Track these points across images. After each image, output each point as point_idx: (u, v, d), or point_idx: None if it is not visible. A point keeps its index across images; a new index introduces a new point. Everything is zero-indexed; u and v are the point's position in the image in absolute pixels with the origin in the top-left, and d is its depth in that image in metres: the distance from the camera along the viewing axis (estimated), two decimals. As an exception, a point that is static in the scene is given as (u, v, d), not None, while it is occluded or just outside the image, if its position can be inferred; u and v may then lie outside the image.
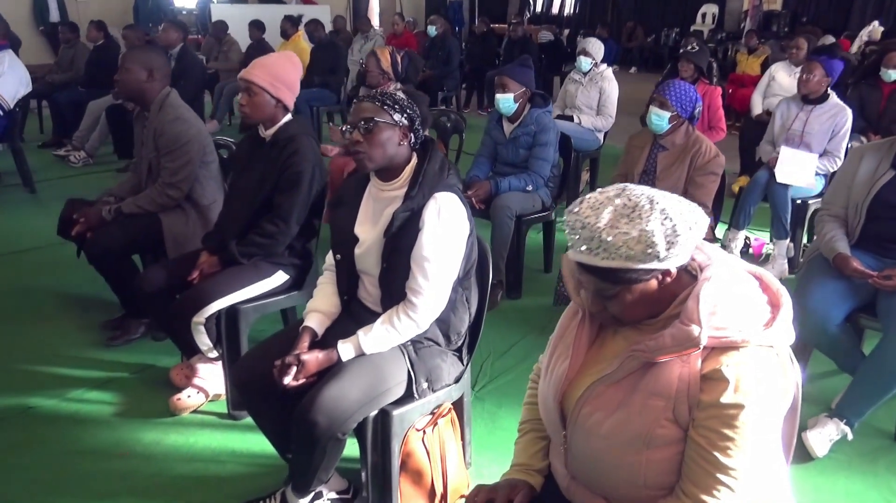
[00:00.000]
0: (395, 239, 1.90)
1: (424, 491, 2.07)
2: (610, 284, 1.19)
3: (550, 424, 1.39)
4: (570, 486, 1.39)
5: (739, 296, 1.20)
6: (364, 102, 1.92)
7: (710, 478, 1.16)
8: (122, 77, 3.00)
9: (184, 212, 3.08)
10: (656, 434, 1.20)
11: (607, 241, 1.14)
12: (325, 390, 1.80)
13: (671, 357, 1.18)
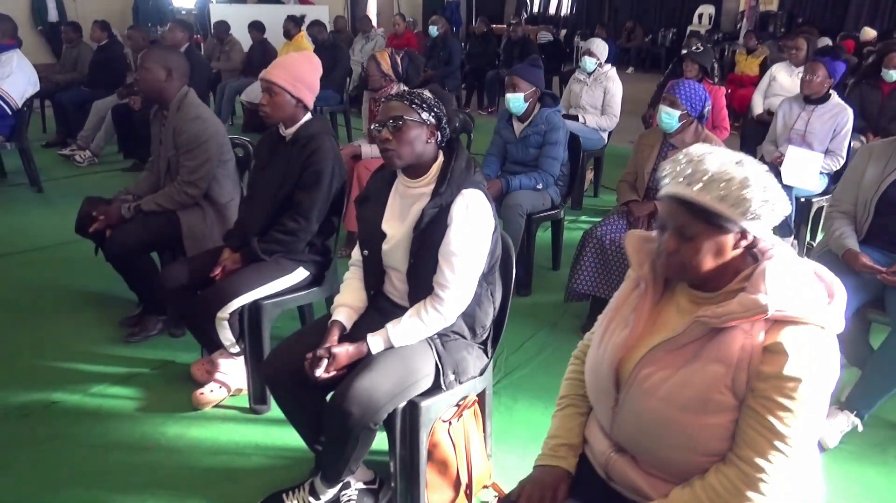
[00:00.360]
0: (424, 235, 1.94)
1: (450, 481, 2.12)
2: (694, 222, 1.27)
3: (601, 391, 1.44)
4: (609, 462, 1.44)
5: (800, 277, 1.28)
6: (393, 101, 1.97)
7: (767, 443, 1.22)
8: (141, 76, 3.04)
9: (202, 210, 3.12)
10: (713, 399, 1.26)
11: (710, 173, 1.24)
12: (357, 382, 1.85)
13: (738, 322, 1.25)
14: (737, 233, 1.28)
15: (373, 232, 2.08)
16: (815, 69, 4.18)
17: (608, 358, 1.42)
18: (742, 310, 1.24)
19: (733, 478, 1.25)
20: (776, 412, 1.22)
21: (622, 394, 1.39)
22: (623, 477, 1.42)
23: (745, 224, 1.26)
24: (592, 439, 1.51)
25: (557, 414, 1.60)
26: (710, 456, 1.30)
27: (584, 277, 3.25)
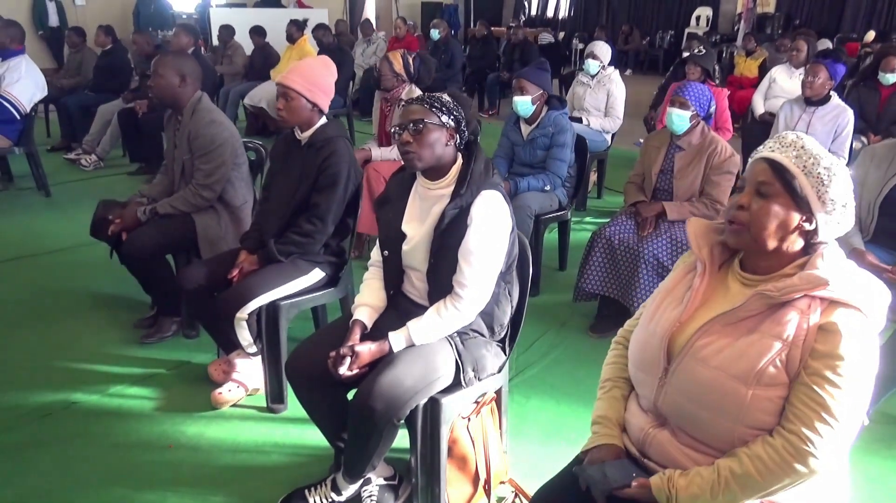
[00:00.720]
0: (444, 235, 1.99)
1: (469, 476, 2.17)
2: (775, 182, 1.38)
3: (649, 363, 1.50)
4: (647, 439, 1.50)
5: (851, 267, 1.37)
6: (413, 105, 2.02)
7: (816, 417, 1.28)
8: (155, 82, 3.08)
9: (216, 212, 3.16)
10: (767, 372, 1.32)
11: (807, 150, 1.36)
12: (380, 378, 1.90)
13: (799, 295, 1.33)
14: (805, 215, 1.37)
15: (393, 233, 2.13)
16: (817, 71, 4.25)
17: (660, 331, 1.48)
18: (803, 284, 1.32)
19: (781, 449, 1.30)
20: (827, 388, 1.28)
21: (674, 365, 1.45)
22: (660, 452, 1.47)
23: (814, 207, 1.35)
24: (630, 417, 1.57)
25: (603, 396, 1.65)
26: (753, 428, 1.35)
27: (593, 277, 3.30)
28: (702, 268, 1.52)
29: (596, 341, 3.38)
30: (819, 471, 1.31)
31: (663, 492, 1.40)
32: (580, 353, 3.27)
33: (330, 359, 1.98)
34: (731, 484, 1.35)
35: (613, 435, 1.59)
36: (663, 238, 3.16)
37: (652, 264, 3.13)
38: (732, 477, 1.35)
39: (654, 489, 1.41)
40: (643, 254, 3.14)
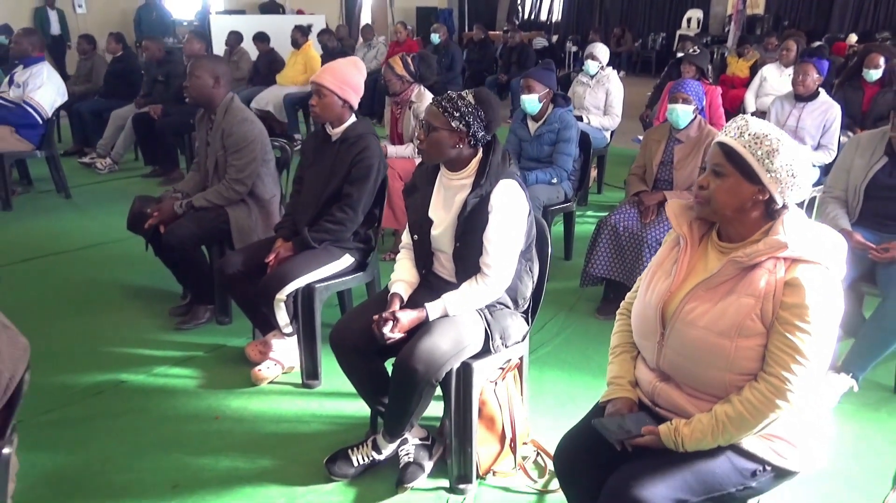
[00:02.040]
0: (468, 221, 2.21)
1: (496, 435, 2.40)
2: (727, 164, 1.59)
3: (648, 330, 1.73)
4: (655, 391, 1.72)
5: (812, 228, 1.59)
6: (433, 106, 2.24)
7: (791, 360, 1.51)
8: (191, 83, 3.30)
9: (247, 205, 3.38)
10: (746, 325, 1.55)
11: (752, 132, 1.57)
12: (420, 342, 2.12)
13: (764, 258, 1.55)
14: (757, 186, 1.58)
15: (421, 219, 2.35)
16: (808, 70, 4.49)
17: (654, 302, 1.71)
18: (767, 248, 1.55)
19: (764, 390, 1.53)
20: (797, 334, 1.51)
21: (668, 329, 1.68)
22: (668, 401, 1.70)
23: (765, 180, 1.56)
24: (639, 374, 1.80)
25: (614, 360, 1.87)
26: (742, 374, 1.58)
27: (600, 262, 3.53)
28: (684, 243, 1.74)
29: (603, 322, 3.61)
30: (796, 404, 1.54)
31: (671, 439, 1.62)
32: (588, 333, 3.50)
33: (374, 323, 2.19)
34: (728, 426, 1.57)
35: (627, 390, 1.81)
36: (665, 224, 3.40)
37: (655, 248, 3.36)
38: (728, 420, 1.57)
39: (662, 437, 1.63)
40: (647, 239, 3.37)
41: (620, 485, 1.56)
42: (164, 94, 6.64)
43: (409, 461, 2.36)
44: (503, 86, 9.64)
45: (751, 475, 1.60)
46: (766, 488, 1.64)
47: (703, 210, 1.68)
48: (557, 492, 2.34)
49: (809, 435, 1.65)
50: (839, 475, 2.40)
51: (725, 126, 1.64)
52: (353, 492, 2.33)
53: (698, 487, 1.57)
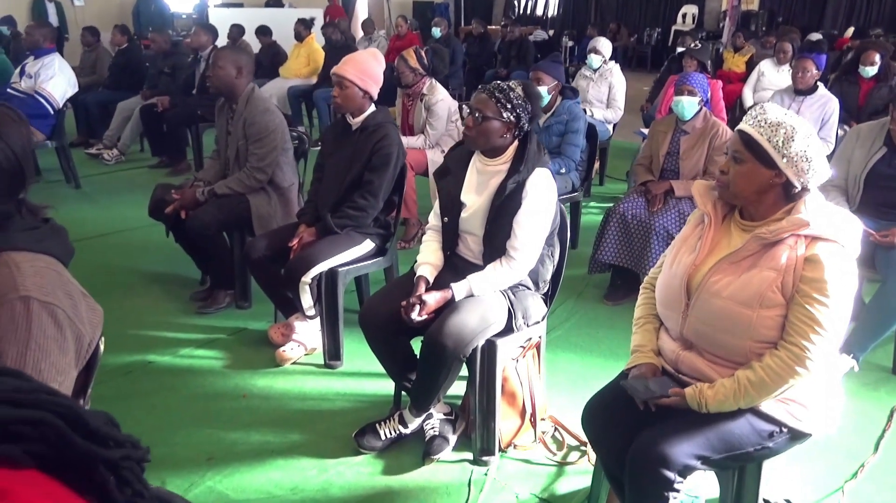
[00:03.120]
0: (502, 205, 2.32)
1: (517, 410, 2.51)
2: (746, 151, 1.70)
3: (673, 300, 1.84)
4: (678, 358, 1.84)
5: (830, 209, 1.71)
6: (483, 94, 2.34)
7: (809, 329, 1.63)
8: (214, 73, 3.39)
9: (267, 193, 3.48)
10: (767, 296, 1.67)
11: (769, 120, 1.68)
12: (449, 320, 2.23)
13: (787, 235, 1.67)
14: (774, 172, 1.69)
15: (452, 201, 2.46)
16: (806, 66, 4.62)
17: (680, 274, 1.83)
18: (789, 226, 1.67)
19: (784, 357, 1.65)
20: (816, 306, 1.63)
21: (693, 300, 1.79)
22: (691, 367, 1.81)
23: (781, 165, 1.67)
24: (662, 344, 1.92)
25: (638, 330, 1.99)
26: (761, 342, 1.70)
27: (609, 249, 3.65)
28: (708, 221, 1.87)
29: (610, 307, 3.74)
30: (813, 371, 1.66)
31: (695, 401, 1.74)
32: (597, 318, 3.62)
33: (402, 308, 2.31)
34: (749, 389, 1.69)
35: (651, 356, 1.93)
36: (672, 212, 3.52)
37: (662, 236, 3.48)
38: (749, 384, 1.69)
39: (687, 398, 1.75)
40: (654, 226, 3.49)
41: (648, 443, 1.68)
42: (170, 85, 6.71)
43: (434, 434, 2.48)
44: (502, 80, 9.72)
45: (768, 436, 1.72)
46: (782, 449, 1.76)
47: (724, 193, 1.80)
48: (576, 464, 2.47)
49: (822, 400, 1.78)
50: (841, 448, 2.53)
51: (746, 115, 1.76)
52: (381, 464, 2.45)
53: (719, 446, 1.69)
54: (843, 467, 2.46)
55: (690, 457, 1.66)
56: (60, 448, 0.68)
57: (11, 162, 1.34)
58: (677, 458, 1.64)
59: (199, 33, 6.57)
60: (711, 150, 3.58)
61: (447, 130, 4.44)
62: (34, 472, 0.67)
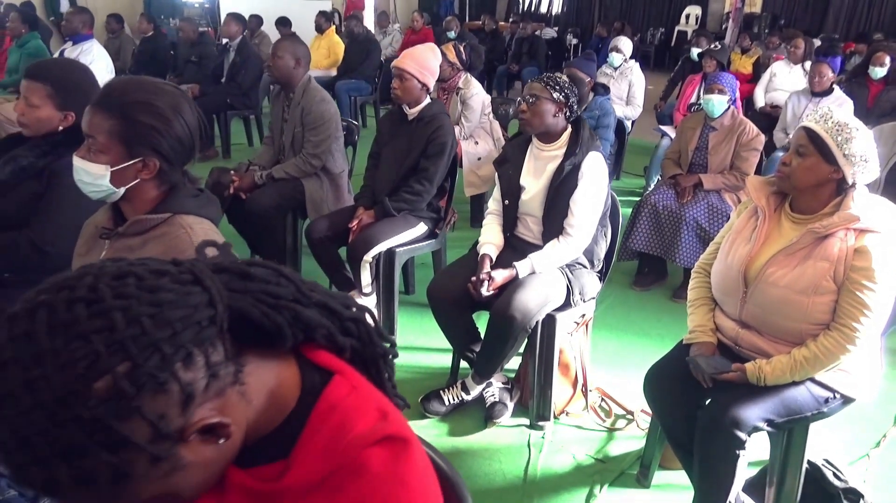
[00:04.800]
0: (560, 187, 2.54)
1: (570, 380, 2.73)
2: (810, 145, 1.89)
3: (730, 288, 2.05)
4: (739, 335, 2.05)
5: (874, 200, 1.92)
6: (535, 82, 2.57)
7: (859, 313, 1.84)
8: (274, 63, 3.58)
9: (319, 178, 3.68)
10: (821, 285, 1.87)
11: (835, 119, 1.87)
12: (515, 295, 2.44)
13: (839, 229, 1.87)
14: (833, 167, 1.89)
15: (513, 186, 2.67)
16: (823, 71, 4.85)
17: (737, 264, 2.03)
18: (841, 221, 1.87)
19: (837, 337, 1.87)
20: (865, 292, 1.84)
21: (751, 288, 2.00)
22: (750, 344, 2.03)
23: (841, 162, 1.87)
24: (721, 322, 2.13)
25: (695, 311, 2.19)
26: (816, 324, 1.91)
27: (639, 237, 3.86)
28: (762, 214, 2.07)
29: (639, 293, 3.96)
30: (861, 347, 1.88)
31: (755, 375, 1.95)
32: (628, 302, 3.85)
33: (471, 284, 2.52)
34: (804, 365, 1.91)
35: (709, 335, 2.13)
36: (702, 204, 3.74)
37: (692, 226, 3.70)
38: (805, 360, 1.91)
39: (748, 373, 1.96)
40: (685, 217, 3.71)
41: (722, 408, 1.90)
42: (197, 74, 6.88)
43: (494, 401, 2.69)
44: (513, 75, 9.95)
45: (824, 402, 1.95)
46: (833, 413, 1.99)
47: (783, 183, 2.00)
48: (623, 430, 2.70)
49: (867, 369, 2.00)
50: (864, 419, 2.76)
51: (810, 114, 1.97)
52: (446, 427, 2.66)
53: (783, 411, 1.91)
54: (868, 437, 2.69)
55: (760, 419, 1.88)
56: (366, 343, 0.89)
57: (188, 137, 1.54)
58: (748, 421, 1.86)
59: (230, 23, 6.74)
60: (738, 147, 3.80)
61: (480, 123, 4.64)
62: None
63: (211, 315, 0.71)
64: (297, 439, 0.80)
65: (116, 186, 1.51)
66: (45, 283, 0.69)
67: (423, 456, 0.83)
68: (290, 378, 0.83)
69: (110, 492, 0.67)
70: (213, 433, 0.72)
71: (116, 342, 0.64)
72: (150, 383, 0.65)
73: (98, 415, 0.63)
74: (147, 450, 0.66)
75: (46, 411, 0.62)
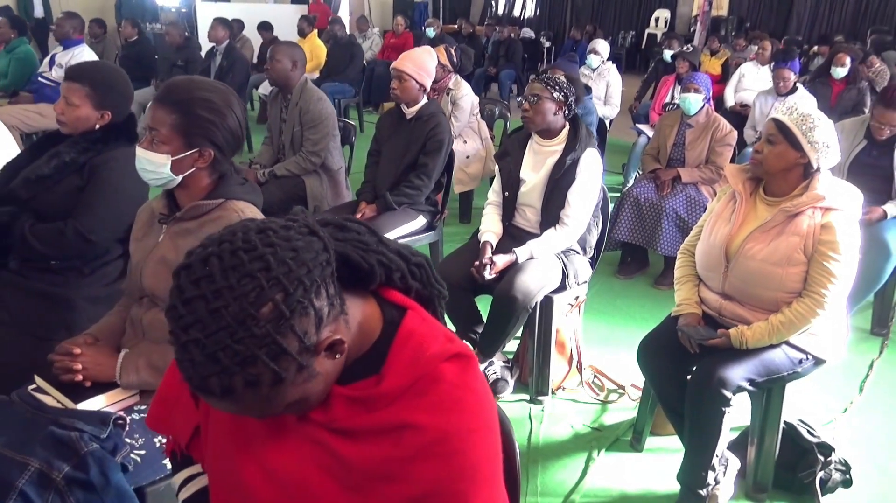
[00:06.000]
0: (559, 180, 2.75)
1: (566, 358, 2.95)
2: (779, 135, 2.13)
3: (713, 264, 2.27)
4: (722, 306, 2.28)
5: (837, 183, 2.16)
6: (535, 83, 2.78)
7: (826, 281, 2.09)
8: (272, 66, 3.75)
9: (319, 176, 3.85)
10: (793, 257, 2.11)
11: (799, 111, 2.12)
12: (517, 278, 2.65)
13: (807, 208, 2.11)
14: (800, 153, 2.13)
15: (512, 178, 2.88)
16: (785, 75, 5.15)
17: (719, 242, 2.26)
18: (809, 200, 2.11)
19: (808, 303, 2.11)
20: (831, 262, 2.08)
21: (731, 263, 2.23)
22: (733, 313, 2.25)
23: (806, 149, 2.11)
24: (705, 295, 2.35)
25: (681, 287, 2.41)
26: (790, 293, 2.15)
27: (623, 228, 4.09)
28: (740, 198, 2.31)
29: (623, 280, 4.19)
30: (829, 311, 2.12)
31: (738, 339, 2.18)
32: (613, 289, 4.08)
33: (474, 269, 2.72)
34: (780, 328, 2.14)
35: (695, 307, 2.36)
36: (680, 196, 3.98)
37: (672, 217, 3.95)
38: (780, 325, 2.14)
39: (732, 338, 2.18)
40: (665, 209, 3.95)
41: (709, 369, 2.12)
42: (183, 78, 6.99)
43: (496, 378, 2.89)
44: (491, 78, 10.18)
45: (798, 363, 2.18)
46: (806, 373, 2.22)
47: (756, 169, 2.24)
48: (616, 403, 2.92)
49: (836, 333, 2.24)
50: (832, 389, 3.02)
51: (778, 107, 2.21)
52: (452, 403, 2.85)
53: (763, 371, 2.15)
54: (836, 403, 2.95)
55: (743, 379, 2.11)
56: (426, 285, 1.09)
57: (238, 130, 1.72)
58: (733, 380, 2.09)
59: (217, 27, 6.87)
60: (713, 142, 4.06)
61: (469, 123, 4.85)
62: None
63: (327, 258, 0.91)
64: (385, 359, 1.00)
65: (175, 174, 1.69)
66: (206, 240, 0.89)
67: (481, 371, 1.04)
68: (372, 313, 1.02)
69: (268, 394, 0.87)
70: (333, 350, 0.91)
71: (273, 278, 0.84)
72: (298, 308, 0.85)
73: (265, 332, 0.83)
74: (296, 359, 0.86)
75: (227, 331, 0.82)
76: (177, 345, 0.84)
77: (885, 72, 7.24)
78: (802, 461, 2.35)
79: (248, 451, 1.02)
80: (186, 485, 1.24)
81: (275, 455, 1.01)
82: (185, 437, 1.18)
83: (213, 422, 1.09)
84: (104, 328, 1.84)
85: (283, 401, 0.90)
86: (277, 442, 1.01)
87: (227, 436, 1.06)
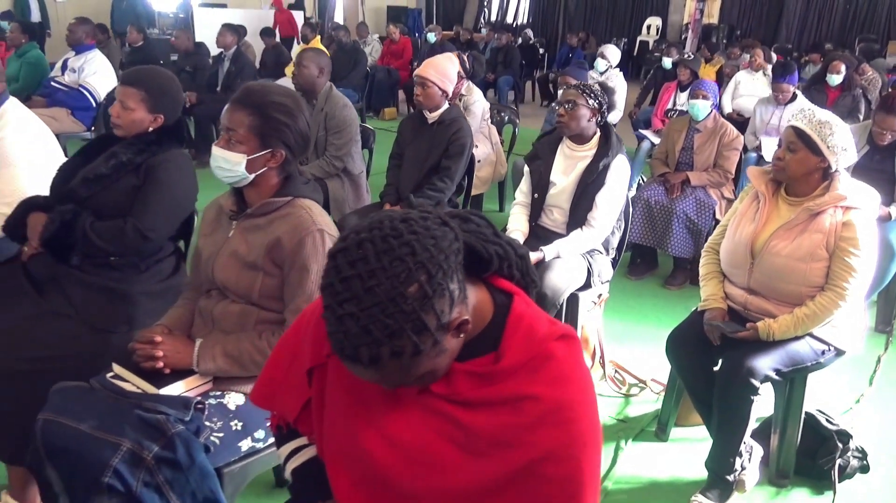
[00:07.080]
0: (589, 184, 2.88)
1: (589, 352, 3.07)
2: (799, 141, 2.24)
3: (739, 261, 2.39)
4: (747, 301, 2.40)
5: (856, 183, 2.29)
6: (570, 89, 2.90)
7: (847, 275, 2.21)
8: (299, 72, 3.86)
9: (341, 179, 3.96)
10: (816, 253, 2.24)
11: (818, 118, 2.23)
12: (547, 274, 2.77)
13: (829, 206, 2.23)
14: (819, 157, 2.25)
15: (543, 180, 3.01)
16: (784, 89, 5.30)
17: (744, 240, 2.38)
18: (831, 199, 2.24)
19: (830, 296, 2.24)
20: (851, 258, 2.21)
21: (757, 259, 2.35)
22: (758, 307, 2.37)
23: (825, 153, 2.23)
24: (730, 291, 2.47)
25: (707, 283, 2.53)
26: (813, 287, 2.28)
27: (634, 230, 4.22)
28: (763, 198, 2.44)
29: (634, 281, 4.32)
30: (851, 303, 2.25)
31: (765, 332, 2.30)
32: (626, 289, 4.20)
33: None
34: (805, 320, 2.27)
35: (721, 302, 2.48)
36: (689, 199, 4.12)
37: (682, 219, 4.08)
38: (805, 317, 2.27)
39: (760, 330, 2.30)
40: (675, 211, 4.09)
41: (738, 360, 2.25)
42: (190, 84, 7.05)
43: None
44: (489, 84, 10.32)
45: (821, 354, 2.31)
46: (828, 363, 2.35)
47: (779, 174, 2.36)
48: (638, 396, 3.03)
49: (855, 326, 2.37)
50: (843, 383, 3.16)
51: (795, 115, 2.32)
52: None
53: (788, 362, 2.27)
54: (849, 395, 3.09)
55: (770, 369, 2.23)
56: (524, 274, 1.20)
57: (307, 132, 1.83)
58: (761, 370, 2.21)
59: (225, 33, 6.97)
60: (721, 147, 4.20)
61: (480, 128, 4.96)
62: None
63: (458, 246, 1.02)
64: (501, 338, 1.11)
65: (249, 173, 1.79)
66: (357, 227, 1.00)
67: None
68: (484, 297, 1.14)
69: (409, 364, 0.98)
70: (460, 329, 1.03)
71: (419, 262, 0.95)
72: (439, 289, 0.96)
73: (412, 308, 0.94)
74: (434, 334, 0.97)
75: (380, 307, 0.93)
76: (332, 319, 0.95)
77: (877, 80, 7.45)
78: (822, 448, 2.48)
79: (368, 421, 1.13)
80: (294, 457, 1.35)
81: (395, 424, 1.12)
82: (293, 412, 1.28)
83: (330, 397, 1.20)
84: (174, 319, 1.94)
85: (417, 371, 1.01)
86: (397, 412, 1.12)
87: (346, 408, 1.16)
